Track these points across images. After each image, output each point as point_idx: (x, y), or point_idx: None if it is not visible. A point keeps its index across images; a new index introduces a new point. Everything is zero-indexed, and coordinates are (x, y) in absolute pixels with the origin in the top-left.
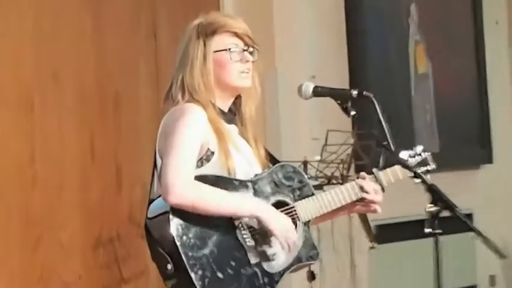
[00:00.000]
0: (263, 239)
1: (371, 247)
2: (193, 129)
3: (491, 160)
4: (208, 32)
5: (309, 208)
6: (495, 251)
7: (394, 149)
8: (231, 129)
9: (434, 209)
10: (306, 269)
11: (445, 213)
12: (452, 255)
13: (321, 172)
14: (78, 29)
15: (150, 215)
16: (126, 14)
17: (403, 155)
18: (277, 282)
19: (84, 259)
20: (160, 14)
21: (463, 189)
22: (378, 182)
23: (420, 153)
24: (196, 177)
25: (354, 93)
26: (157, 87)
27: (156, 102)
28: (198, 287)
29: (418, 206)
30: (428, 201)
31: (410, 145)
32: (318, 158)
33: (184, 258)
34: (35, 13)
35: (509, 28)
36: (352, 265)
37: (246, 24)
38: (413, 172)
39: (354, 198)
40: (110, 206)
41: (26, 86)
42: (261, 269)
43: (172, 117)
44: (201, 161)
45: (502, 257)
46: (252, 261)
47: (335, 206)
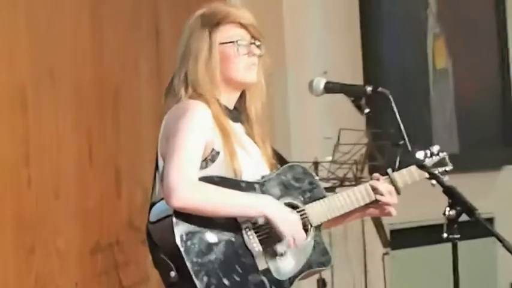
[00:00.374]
0: (271, 244)
1: (385, 253)
2: (196, 128)
3: None
4: (212, 23)
5: (319, 211)
6: None
7: (410, 149)
8: (237, 128)
9: (453, 212)
10: (316, 276)
11: (464, 217)
12: (471, 262)
13: (332, 173)
14: (75, 23)
15: (152, 219)
16: (126, 7)
17: (419, 155)
18: None
19: (81, 266)
20: (162, 8)
21: (484, 191)
22: (393, 183)
23: (437, 153)
24: (201, 179)
25: (368, 89)
26: (159, 86)
27: (157, 101)
28: None
29: (436, 210)
30: (446, 204)
31: (428, 145)
32: (329, 158)
33: (188, 264)
34: (28, 6)
35: None
36: (365, 272)
37: (251, 14)
38: (430, 173)
39: (368, 201)
40: (108, 210)
41: (19, 84)
42: (269, 276)
43: (174, 115)
44: (206, 161)
45: None
46: (260, 267)
47: (347, 209)
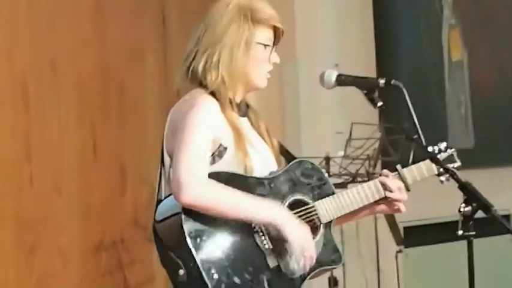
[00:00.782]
0: (282, 242)
1: (398, 251)
2: (204, 123)
3: None
4: (254, 19)
5: (329, 208)
6: None
7: (425, 144)
8: (244, 123)
9: (468, 209)
10: (327, 274)
11: (480, 214)
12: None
13: (344, 169)
14: (77, 13)
15: (159, 218)
16: None
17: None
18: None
19: (84, 265)
20: None
21: (501, 188)
22: (402, 179)
23: (445, 150)
24: (209, 175)
25: (381, 82)
26: (166, 79)
27: (164, 94)
28: None
29: (451, 207)
30: (461, 201)
31: (443, 140)
32: (341, 153)
33: (198, 262)
34: None
35: None
36: (378, 270)
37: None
38: (446, 169)
39: (377, 197)
40: (113, 208)
41: (20, 77)
42: (280, 274)
43: (181, 110)
44: (213, 157)
45: None
46: (270, 265)
47: (357, 205)
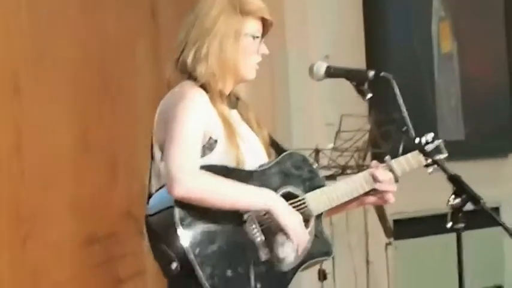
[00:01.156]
0: (274, 234)
1: (388, 243)
2: (195, 114)
3: None
4: (244, 10)
5: (320, 200)
6: None
7: (414, 135)
8: (234, 115)
9: (457, 201)
10: (316, 267)
11: (469, 207)
12: (477, 253)
13: (334, 161)
14: (69, 7)
15: (150, 211)
16: None
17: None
18: (290, 280)
19: (77, 258)
20: None
21: (490, 180)
22: (391, 170)
23: (432, 141)
24: (202, 167)
25: (371, 74)
26: (157, 71)
27: (155, 87)
28: (206, 285)
29: (440, 199)
30: (450, 193)
31: (433, 132)
32: (331, 145)
33: (191, 255)
34: None
35: None
36: (367, 262)
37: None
38: (434, 161)
39: (367, 189)
40: (105, 200)
41: (11, 68)
42: (271, 266)
43: (170, 102)
44: (203, 150)
45: None
46: (262, 258)
47: (347, 197)
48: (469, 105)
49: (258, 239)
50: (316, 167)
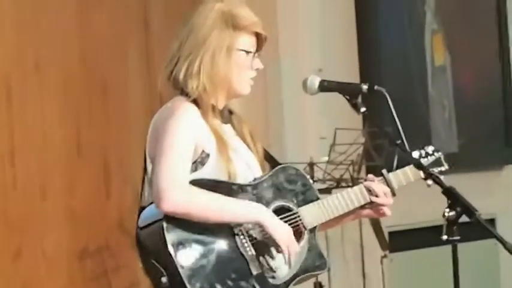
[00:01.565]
0: (264, 247)
1: (384, 256)
2: (186, 129)
3: None
4: (236, 25)
5: (314, 214)
6: None
7: (408, 148)
8: (227, 130)
9: (453, 214)
10: (312, 280)
11: (464, 219)
12: (472, 265)
13: (328, 174)
14: (61, 12)
15: (141, 224)
16: None
17: (414, 155)
18: None
19: (69, 270)
20: None
21: (485, 192)
22: (388, 184)
23: (432, 153)
24: (192, 182)
25: (365, 87)
26: (149, 76)
27: (147, 92)
28: None
29: (435, 211)
30: (446, 205)
31: (427, 144)
32: (325, 158)
33: (180, 270)
34: None
35: None
36: (363, 275)
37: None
38: (428, 173)
39: (362, 202)
40: (98, 211)
41: (3, 74)
42: (263, 280)
43: (162, 116)
44: (196, 164)
45: None
46: (253, 272)
47: (342, 211)
48: (462, 118)
49: (249, 253)
50: (310, 180)
